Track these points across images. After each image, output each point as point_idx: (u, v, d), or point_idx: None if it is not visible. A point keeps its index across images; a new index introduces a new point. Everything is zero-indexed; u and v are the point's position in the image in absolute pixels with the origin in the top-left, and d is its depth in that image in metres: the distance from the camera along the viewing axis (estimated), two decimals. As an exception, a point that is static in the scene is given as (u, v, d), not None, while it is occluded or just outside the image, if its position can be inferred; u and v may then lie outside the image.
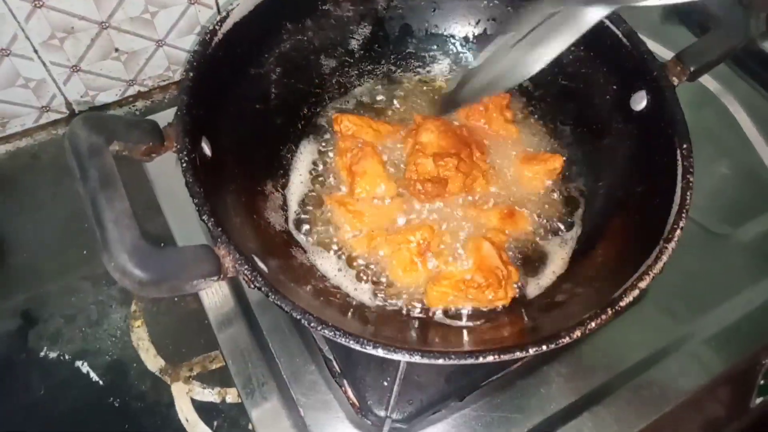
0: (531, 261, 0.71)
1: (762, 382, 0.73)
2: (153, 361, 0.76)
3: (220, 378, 0.75)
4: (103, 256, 0.44)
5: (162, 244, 0.77)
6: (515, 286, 0.67)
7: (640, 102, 0.68)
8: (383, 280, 0.68)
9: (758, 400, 0.74)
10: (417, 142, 0.74)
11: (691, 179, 0.58)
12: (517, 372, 0.69)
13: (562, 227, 0.73)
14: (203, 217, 0.51)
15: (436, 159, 0.71)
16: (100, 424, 0.72)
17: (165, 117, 0.56)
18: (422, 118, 0.77)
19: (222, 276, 0.49)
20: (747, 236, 0.82)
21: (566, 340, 0.50)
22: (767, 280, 0.78)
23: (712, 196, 0.86)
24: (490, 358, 0.49)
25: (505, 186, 0.75)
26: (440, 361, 0.49)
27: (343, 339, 0.48)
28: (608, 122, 0.72)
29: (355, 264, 0.69)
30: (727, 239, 0.82)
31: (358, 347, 0.49)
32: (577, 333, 0.50)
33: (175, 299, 0.81)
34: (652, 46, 0.87)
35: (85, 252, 0.83)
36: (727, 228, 0.83)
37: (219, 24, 0.62)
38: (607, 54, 0.71)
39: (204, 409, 0.73)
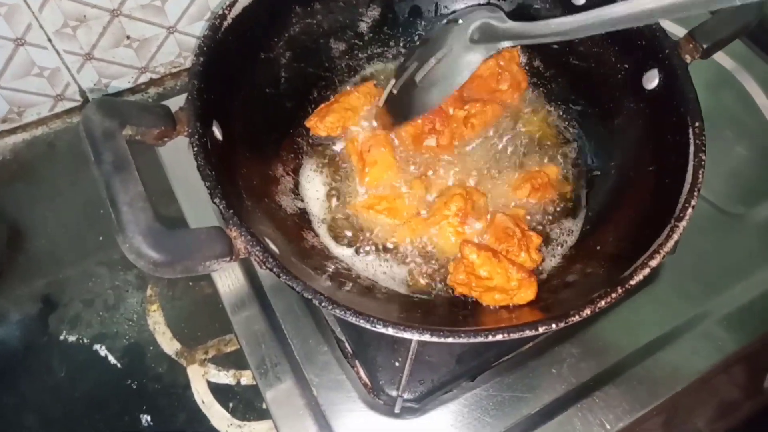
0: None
1: (775, 362, 0.73)
2: (169, 344, 0.78)
3: (234, 360, 0.76)
4: (118, 237, 0.45)
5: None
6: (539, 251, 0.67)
7: (652, 80, 0.67)
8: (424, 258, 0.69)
9: (772, 381, 0.74)
10: None
11: (703, 157, 0.57)
12: (528, 352, 0.69)
13: (573, 208, 0.73)
14: (215, 200, 0.52)
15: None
16: (119, 406, 0.74)
17: (177, 103, 0.57)
18: None
19: (234, 257, 0.50)
20: (761, 216, 0.81)
21: (575, 318, 0.49)
22: (781, 260, 0.78)
23: (727, 177, 0.85)
24: (499, 337, 0.49)
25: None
26: (450, 340, 0.49)
27: (353, 318, 0.49)
28: (620, 102, 0.71)
29: (389, 248, 0.70)
30: (742, 219, 0.81)
31: (368, 326, 0.49)
32: (587, 311, 0.50)
33: (190, 284, 0.82)
34: (667, 25, 0.86)
35: (101, 238, 0.84)
36: (741, 208, 0.82)
37: (228, 9, 0.62)
38: (619, 32, 0.69)
39: (219, 391, 0.75)
